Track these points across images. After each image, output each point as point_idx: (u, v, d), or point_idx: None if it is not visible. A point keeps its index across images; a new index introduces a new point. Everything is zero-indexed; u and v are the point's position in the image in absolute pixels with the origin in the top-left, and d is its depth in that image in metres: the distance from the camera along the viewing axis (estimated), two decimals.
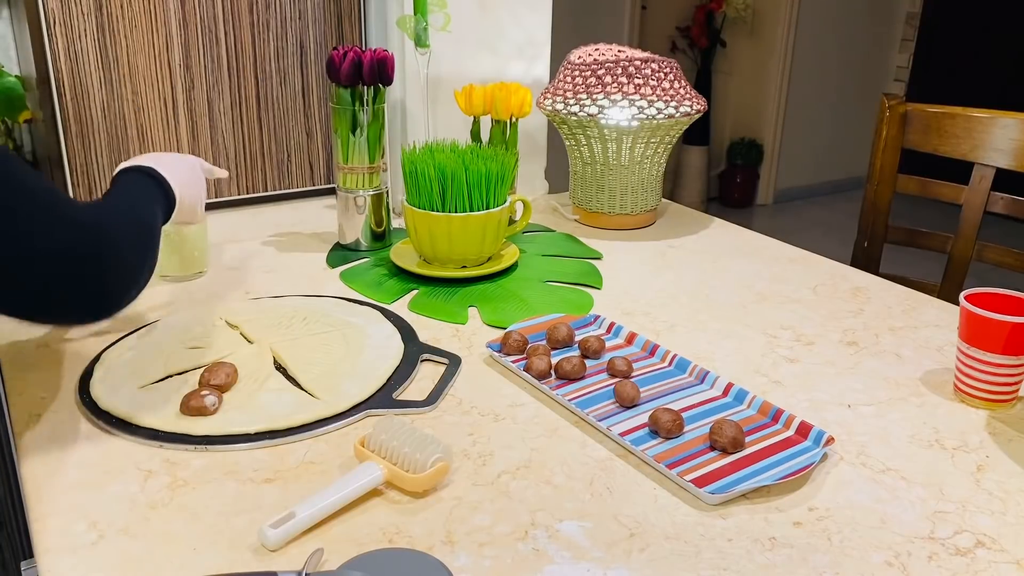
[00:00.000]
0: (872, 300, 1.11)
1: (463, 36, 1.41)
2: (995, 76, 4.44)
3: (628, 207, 1.36)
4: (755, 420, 0.81)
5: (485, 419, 0.81)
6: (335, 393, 0.83)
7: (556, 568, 0.62)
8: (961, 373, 0.86)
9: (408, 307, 1.06)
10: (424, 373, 0.90)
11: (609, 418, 0.81)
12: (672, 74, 1.31)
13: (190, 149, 1.36)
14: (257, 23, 1.36)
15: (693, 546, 0.65)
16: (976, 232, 1.31)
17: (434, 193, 1.10)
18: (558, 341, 0.94)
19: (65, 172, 1.28)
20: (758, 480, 0.71)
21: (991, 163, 1.29)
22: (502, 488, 0.71)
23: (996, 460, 0.76)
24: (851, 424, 0.82)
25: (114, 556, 0.63)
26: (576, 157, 1.38)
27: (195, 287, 1.11)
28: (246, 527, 0.66)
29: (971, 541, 0.66)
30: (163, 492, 0.70)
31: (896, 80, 4.91)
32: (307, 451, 0.76)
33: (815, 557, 0.64)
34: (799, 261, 1.24)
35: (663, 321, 1.04)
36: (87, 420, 0.80)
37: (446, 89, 1.42)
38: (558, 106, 1.31)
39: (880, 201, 1.41)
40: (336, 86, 1.17)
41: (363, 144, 1.20)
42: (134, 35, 1.28)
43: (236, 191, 1.42)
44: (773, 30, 4.50)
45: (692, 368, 0.89)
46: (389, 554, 0.62)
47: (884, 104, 1.38)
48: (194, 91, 1.34)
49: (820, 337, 1.00)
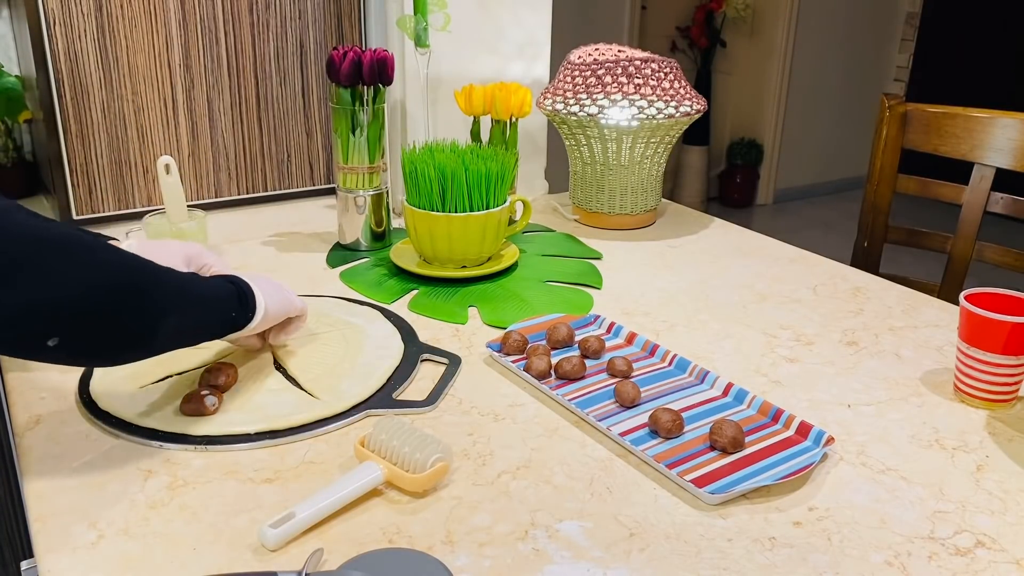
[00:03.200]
0: (872, 300, 1.11)
1: (463, 36, 1.41)
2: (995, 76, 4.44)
3: (628, 207, 1.36)
4: (755, 420, 0.81)
5: (485, 419, 0.81)
6: (335, 393, 0.83)
7: (556, 568, 0.62)
8: (961, 373, 0.86)
9: (408, 307, 1.06)
10: (424, 373, 0.90)
11: (609, 418, 0.81)
12: (672, 74, 1.31)
13: (190, 149, 1.36)
14: (257, 23, 1.36)
15: (693, 546, 0.65)
16: (976, 232, 1.31)
17: (434, 193, 1.10)
18: (558, 341, 0.94)
19: (65, 172, 1.28)
20: (758, 480, 0.71)
21: (991, 163, 1.29)
22: (502, 488, 0.71)
23: (996, 460, 0.77)
24: (851, 424, 0.82)
25: (114, 556, 0.63)
26: (576, 157, 1.38)
27: None
28: (246, 527, 0.66)
29: (971, 541, 0.66)
30: (163, 492, 0.70)
31: (896, 80, 4.91)
32: (307, 451, 0.76)
33: (815, 557, 0.64)
34: (799, 261, 1.24)
35: (663, 321, 1.04)
36: (87, 420, 0.80)
37: (446, 89, 1.42)
38: (558, 106, 1.31)
39: (880, 201, 1.41)
40: (336, 86, 1.17)
41: (363, 144, 1.20)
42: (134, 35, 1.28)
43: (236, 191, 1.42)
44: (773, 30, 4.50)
45: (692, 368, 0.89)
46: (389, 554, 0.62)
47: (884, 104, 1.38)
48: (194, 91, 1.34)
49: (820, 337, 1.00)
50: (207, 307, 0.76)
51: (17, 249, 0.58)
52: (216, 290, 0.77)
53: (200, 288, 0.75)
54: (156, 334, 0.68)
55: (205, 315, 0.76)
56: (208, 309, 0.76)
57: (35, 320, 0.60)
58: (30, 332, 0.60)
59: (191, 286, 0.74)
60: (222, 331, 0.78)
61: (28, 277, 0.58)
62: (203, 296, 0.75)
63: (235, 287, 0.79)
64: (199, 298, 0.74)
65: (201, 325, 0.76)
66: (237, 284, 0.79)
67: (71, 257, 0.61)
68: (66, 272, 0.61)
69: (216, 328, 0.78)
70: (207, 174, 1.39)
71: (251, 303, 0.80)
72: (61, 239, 0.61)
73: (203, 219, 1.14)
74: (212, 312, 0.76)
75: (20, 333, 0.60)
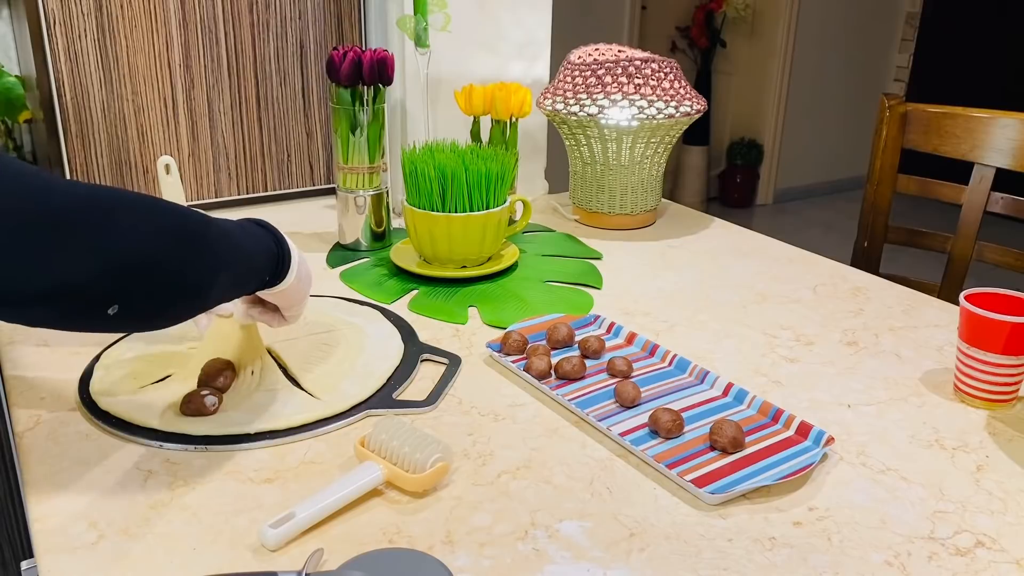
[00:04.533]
0: (872, 300, 1.11)
1: (463, 36, 1.41)
2: (995, 76, 4.44)
3: (628, 207, 1.36)
4: (755, 420, 0.81)
5: (485, 419, 0.81)
6: (335, 393, 0.83)
7: (556, 568, 0.62)
8: (961, 373, 0.86)
9: (408, 307, 1.06)
10: (424, 373, 0.90)
11: (609, 418, 0.81)
12: (672, 74, 1.31)
13: (190, 149, 1.36)
14: (257, 23, 1.36)
15: (693, 546, 0.65)
16: (976, 232, 1.31)
17: (434, 193, 1.10)
18: (558, 341, 0.94)
19: (65, 172, 1.28)
20: (758, 480, 0.71)
21: (991, 163, 1.29)
22: (502, 488, 0.71)
23: (996, 460, 0.77)
24: (851, 424, 0.82)
25: (114, 556, 0.63)
26: (576, 157, 1.38)
27: None
28: (246, 527, 0.66)
29: (971, 541, 0.66)
30: (163, 492, 0.70)
31: (896, 80, 4.91)
32: (307, 451, 0.76)
33: (815, 557, 0.64)
34: (799, 261, 1.24)
35: (663, 321, 1.04)
36: (87, 420, 0.80)
37: (446, 89, 1.42)
38: (558, 106, 1.31)
39: (880, 201, 1.41)
40: (336, 86, 1.17)
41: (363, 144, 1.20)
42: (134, 35, 1.28)
43: (236, 191, 1.42)
44: (773, 30, 4.50)
45: (692, 368, 0.89)
46: (389, 554, 0.62)
47: (884, 104, 1.38)
48: (194, 91, 1.34)
49: (820, 337, 1.00)
50: (252, 265, 0.73)
51: (79, 207, 0.56)
52: (260, 245, 0.74)
53: (249, 242, 0.72)
54: (212, 287, 0.66)
55: (249, 274, 0.73)
56: (253, 268, 0.73)
57: (104, 281, 0.57)
58: (99, 295, 0.58)
59: (242, 239, 0.71)
60: (256, 289, 0.76)
61: (93, 235, 0.56)
62: (251, 253, 0.72)
63: (277, 248, 0.75)
64: (247, 256, 0.72)
65: (244, 282, 0.73)
66: (279, 244, 0.76)
67: (133, 212, 0.60)
68: (135, 225, 0.59)
69: (253, 287, 0.75)
70: (207, 174, 1.39)
71: (284, 268, 0.76)
72: (114, 196, 0.60)
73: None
74: (256, 272, 0.74)
75: (89, 298, 0.58)
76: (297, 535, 0.64)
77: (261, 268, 0.74)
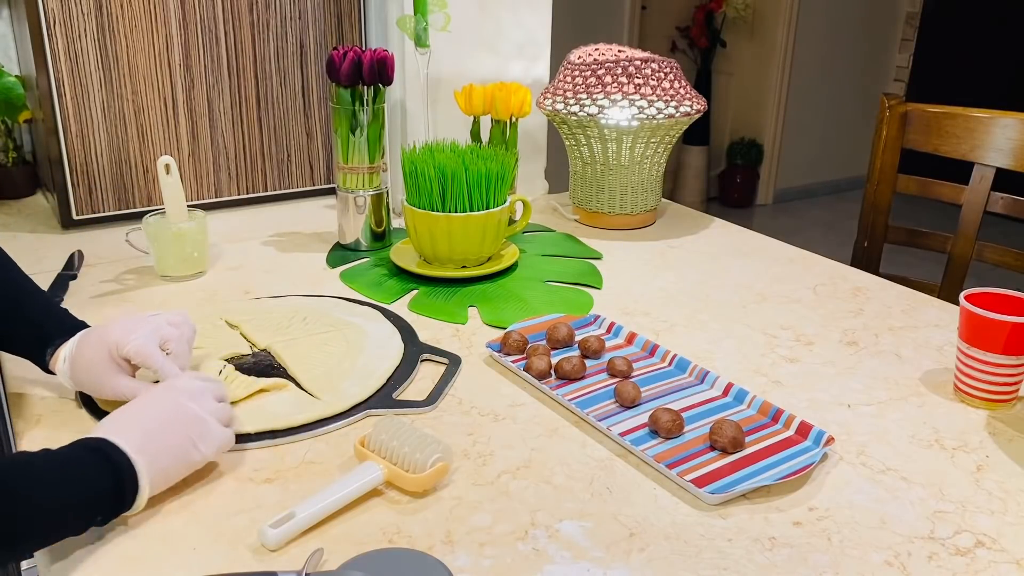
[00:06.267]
0: (872, 300, 1.11)
1: (463, 36, 1.41)
2: (995, 76, 4.44)
3: (628, 207, 1.36)
4: (755, 420, 0.81)
5: (485, 419, 0.81)
6: (335, 393, 0.83)
7: (556, 568, 0.62)
8: (961, 373, 0.86)
9: (408, 307, 1.06)
10: (424, 373, 0.90)
11: (609, 418, 0.81)
12: (672, 74, 1.31)
13: (190, 149, 1.36)
14: (257, 23, 1.36)
15: (693, 546, 0.65)
16: (976, 232, 1.31)
17: (434, 193, 1.10)
18: (558, 341, 0.94)
19: (65, 172, 1.28)
20: (758, 480, 0.71)
21: (991, 163, 1.29)
22: (502, 488, 0.71)
23: (996, 460, 0.77)
24: (851, 424, 0.82)
25: (114, 556, 0.63)
26: (576, 157, 1.38)
27: (195, 287, 1.11)
28: (246, 527, 0.66)
29: (971, 541, 0.66)
30: (163, 492, 0.70)
31: (896, 80, 4.91)
32: (307, 451, 0.76)
33: (815, 557, 0.64)
34: (799, 261, 1.24)
35: (663, 321, 1.04)
36: (87, 420, 0.80)
37: (446, 89, 1.42)
38: (558, 106, 1.31)
39: (880, 201, 1.41)
40: (336, 86, 1.17)
41: (363, 144, 1.20)
42: (134, 35, 1.28)
43: (236, 191, 1.42)
44: (773, 30, 4.50)
45: (692, 368, 0.89)
46: (389, 554, 0.62)
47: (884, 104, 1.38)
48: (194, 91, 1.34)
49: (820, 337, 1.00)
50: (63, 518, 0.61)
51: None
52: (86, 488, 0.62)
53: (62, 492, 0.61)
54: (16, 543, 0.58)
55: (64, 526, 0.62)
56: (65, 521, 0.61)
57: None
58: None
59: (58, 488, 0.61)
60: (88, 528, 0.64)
61: None
62: (61, 506, 0.60)
63: (115, 483, 0.63)
64: (63, 506, 0.61)
65: (58, 530, 0.61)
66: (116, 472, 0.63)
67: None
68: None
69: (78, 529, 0.63)
70: (207, 174, 1.39)
71: (126, 502, 0.65)
72: None
73: (203, 219, 1.14)
74: (74, 522, 0.62)
75: None
76: (297, 535, 0.64)
77: (82, 515, 0.62)
